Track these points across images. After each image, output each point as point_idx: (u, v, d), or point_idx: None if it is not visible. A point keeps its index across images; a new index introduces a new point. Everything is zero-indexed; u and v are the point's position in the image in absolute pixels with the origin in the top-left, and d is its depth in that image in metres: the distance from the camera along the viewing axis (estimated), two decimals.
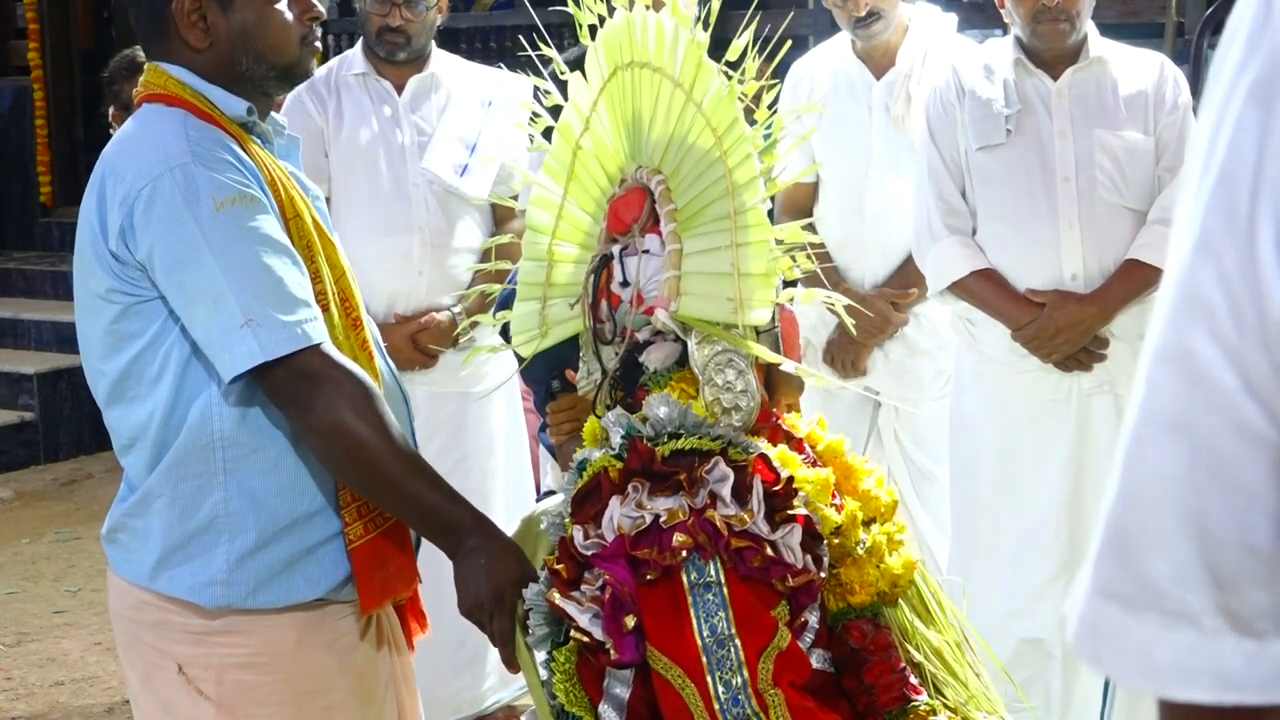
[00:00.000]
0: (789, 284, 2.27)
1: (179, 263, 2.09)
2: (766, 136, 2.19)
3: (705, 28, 2.17)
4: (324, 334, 2.15)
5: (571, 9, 2.23)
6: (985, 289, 3.44)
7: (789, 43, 2.28)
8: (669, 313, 2.08)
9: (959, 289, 3.47)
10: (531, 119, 2.38)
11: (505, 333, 2.43)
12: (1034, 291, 3.41)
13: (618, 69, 2.19)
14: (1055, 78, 3.43)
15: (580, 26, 2.23)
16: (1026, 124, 3.43)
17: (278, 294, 2.10)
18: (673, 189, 2.14)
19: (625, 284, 2.17)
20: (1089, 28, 3.43)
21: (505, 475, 4.12)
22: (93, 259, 2.17)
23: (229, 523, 2.18)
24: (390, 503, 2.20)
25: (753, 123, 2.16)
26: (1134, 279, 3.35)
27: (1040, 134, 3.42)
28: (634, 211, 2.18)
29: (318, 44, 2.29)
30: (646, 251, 2.15)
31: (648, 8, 2.17)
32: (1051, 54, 3.41)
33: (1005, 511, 3.51)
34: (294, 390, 2.12)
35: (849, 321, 2.44)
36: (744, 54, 2.18)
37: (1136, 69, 3.45)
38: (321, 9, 2.28)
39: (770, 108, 2.20)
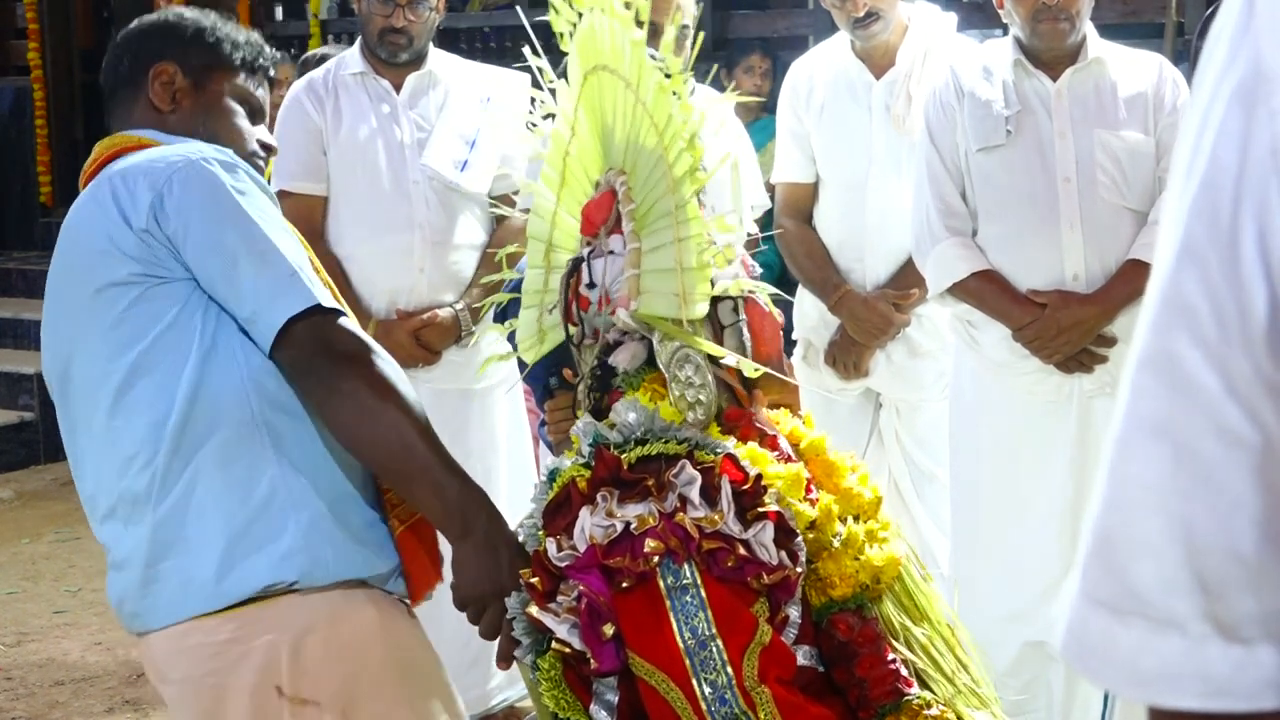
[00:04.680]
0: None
1: (219, 226, 2.12)
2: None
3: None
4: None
5: (550, 16, 2.24)
6: (986, 290, 3.44)
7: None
8: (629, 312, 2.09)
9: (960, 290, 3.47)
10: (529, 126, 2.39)
11: (512, 340, 2.45)
12: (1035, 292, 3.41)
13: (587, 74, 2.20)
14: (1054, 78, 3.42)
15: (560, 35, 2.24)
16: (1026, 125, 3.42)
17: (309, 268, 2.17)
18: (632, 188, 2.15)
19: (592, 286, 2.18)
20: (1088, 28, 3.42)
21: (508, 473, 4.12)
22: (99, 255, 2.15)
23: (291, 496, 2.13)
24: (413, 473, 2.15)
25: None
26: (1135, 279, 3.34)
27: (1040, 135, 3.41)
28: (603, 213, 2.18)
29: (263, 165, 2.39)
30: (611, 253, 2.16)
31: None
32: (1051, 54, 3.41)
33: (1006, 514, 3.51)
34: (334, 347, 2.12)
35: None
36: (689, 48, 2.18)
37: (1136, 70, 3.44)
38: (274, 144, 2.42)
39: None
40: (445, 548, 2.25)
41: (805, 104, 3.93)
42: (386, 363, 2.16)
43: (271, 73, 2.44)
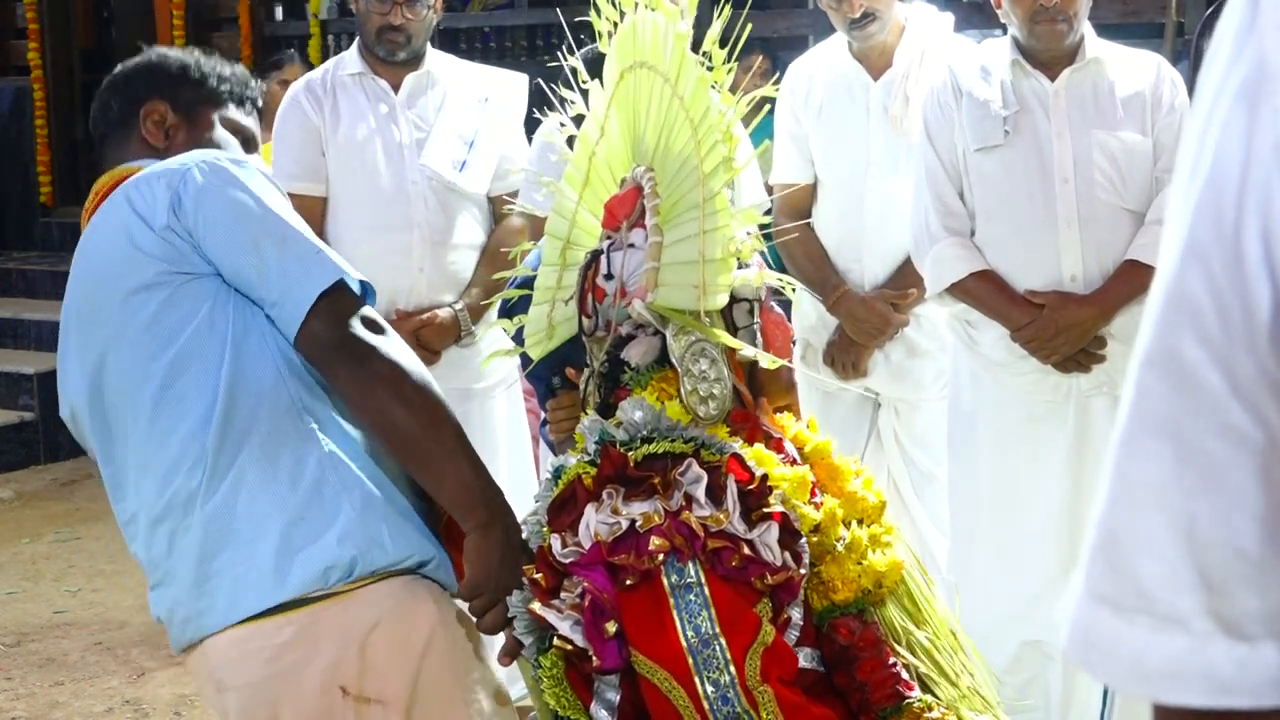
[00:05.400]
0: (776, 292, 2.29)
1: (239, 214, 2.14)
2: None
3: (699, 25, 2.19)
4: None
5: (591, 16, 2.26)
6: (984, 290, 3.44)
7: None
8: (646, 303, 2.09)
9: (958, 290, 3.47)
10: (532, 121, 2.41)
11: (517, 336, 2.45)
12: (1033, 293, 3.41)
13: (624, 72, 2.22)
14: (1052, 78, 3.42)
15: (600, 35, 2.26)
16: (1024, 125, 3.43)
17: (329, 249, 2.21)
18: (659, 183, 2.16)
19: (610, 277, 2.18)
20: (1086, 28, 3.43)
21: (508, 474, 4.12)
22: (123, 261, 2.15)
23: (340, 477, 2.11)
24: (441, 456, 2.12)
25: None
26: (1133, 280, 3.35)
27: (1038, 135, 3.42)
28: (626, 208, 2.20)
29: None
30: (632, 245, 2.17)
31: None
32: (1049, 54, 3.41)
33: (1004, 513, 3.51)
34: (363, 323, 2.13)
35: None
36: (730, 45, 2.19)
37: (1133, 70, 3.45)
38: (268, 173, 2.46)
39: (733, 91, 2.20)
40: None
41: (803, 105, 3.94)
42: (406, 347, 2.19)
43: (259, 104, 2.49)
